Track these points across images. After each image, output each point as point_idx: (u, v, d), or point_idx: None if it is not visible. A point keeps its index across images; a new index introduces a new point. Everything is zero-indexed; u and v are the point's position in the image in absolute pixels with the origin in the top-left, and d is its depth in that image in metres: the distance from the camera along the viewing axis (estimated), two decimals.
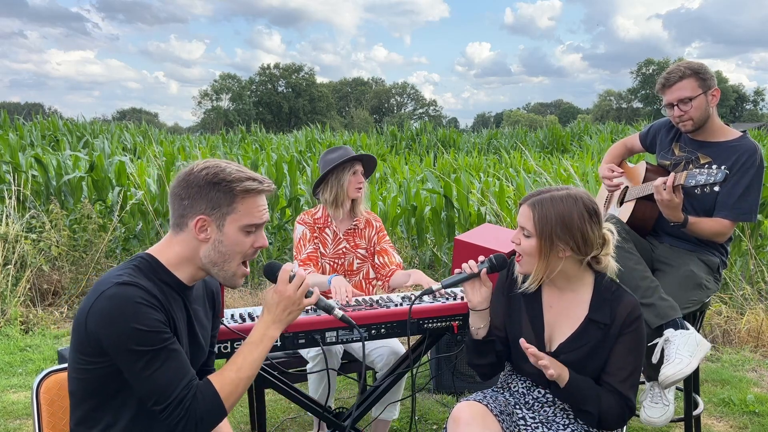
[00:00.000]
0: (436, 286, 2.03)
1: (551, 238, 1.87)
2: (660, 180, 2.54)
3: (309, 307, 2.32)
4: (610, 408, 1.90)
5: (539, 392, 2.04)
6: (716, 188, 2.40)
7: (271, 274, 1.72)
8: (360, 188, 3.04)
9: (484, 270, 2.01)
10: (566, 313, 1.99)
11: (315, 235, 3.06)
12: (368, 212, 3.20)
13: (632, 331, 1.92)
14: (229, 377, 1.58)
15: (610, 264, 1.97)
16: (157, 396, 1.49)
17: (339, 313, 1.81)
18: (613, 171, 2.98)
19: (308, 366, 2.80)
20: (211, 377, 1.58)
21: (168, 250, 1.62)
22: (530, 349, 1.86)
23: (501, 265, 2.03)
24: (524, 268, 1.96)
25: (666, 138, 2.91)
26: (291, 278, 1.68)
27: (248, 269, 1.68)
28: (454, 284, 2.03)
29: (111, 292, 1.48)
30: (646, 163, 2.89)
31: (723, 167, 2.51)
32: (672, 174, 2.54)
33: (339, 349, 2.86)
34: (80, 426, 1.60)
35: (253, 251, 1.65)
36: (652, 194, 2.63)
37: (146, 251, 1.64)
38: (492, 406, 1.91)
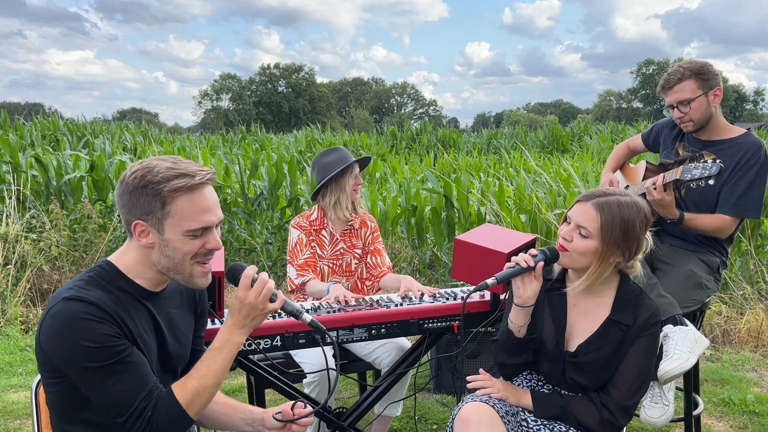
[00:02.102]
0: (491, 280, 1.92)
1: (611, 246, 1.85)
2: (650, 181, 2.58)
3: (309, 308, 2.33)
4: (590, 418, 1.91)
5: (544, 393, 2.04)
6: (711, 182, 2.43)
7: (233, 278, 1.62)
8: (358, 189, 3.05)
9: (541, 264, 1.92)
10: (588, 313, 1.98)
11: (311, 238, 3.05)
12: (364, 212, 3.19)
13: (648, 335, 1.92)
14: (192, 386, 1.54)
15: (638, 267, 1.97)
16: (116, 409, 1.47)
17: (307, 317, 1.69)
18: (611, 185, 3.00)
19: (305, 381, 2.78)
20: (174, 386, 1.54)
21: (126, 255, 1.57)
22: (473, 383, 1.97)
23: (554, 258, 1.95)
24: (566, 261, 1.92)
25: (669, 137, 2.91)
26: (253, 281, 1.58)
27: (208, 266, 1.58)
28: (508, 278, 1.93)
29: (56, 309, 1.43)
30: (647, 162, 2.90)
31: (718, 161, 2.52)
32: (661, 174, 2.58)
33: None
34: None
35: (206, 251, 1.54)
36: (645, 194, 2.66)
37: (107, 258, 1.60)
38: (498, 407, 1.90)
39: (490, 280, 1.92)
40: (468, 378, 2.00)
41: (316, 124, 22.26)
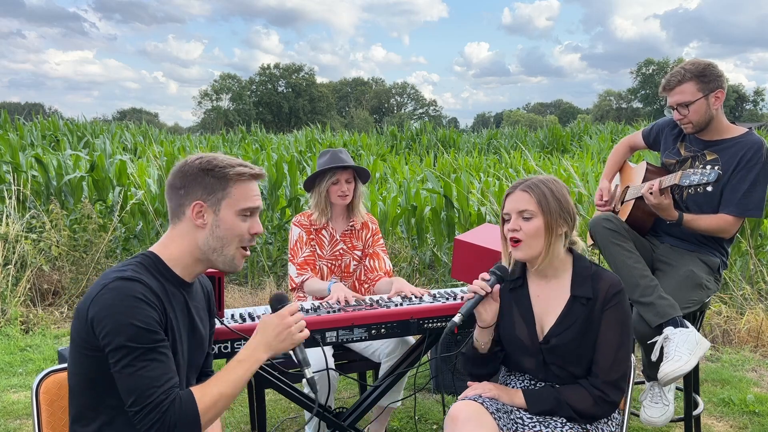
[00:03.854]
0: (458, 318, 1.97)
1: (554, 215, 1.96)
2: (646, 187, 2.60)
3: (309, 308, 2.34)
4: (583, 402, 1.94)
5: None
6: (709, 188, 2.47)
7: (278, 303, 1.76)
8: (344, 196, 3.02)
9: (497, 286, 2.02)
10: (552, 299, 2.03)
11: (311, 237, 3.05)
12: (367, 214, 3.19)
13: (614, 305, 1.96)
14: (211, 392, 1.57)
15: (579, 240, 2.08)
16: (135, 396, 1.48)
17: (308, 373, 1.78)
18: (602, 198, 3.02)
19: (305, 381, 2.76)
20: (194, 389, 1.56)
21: (169, 245, 1.67)
22: (463, 395, 1.99)
23: (505, 273, 2.04)
24: (525, 252, 1.99)
25: (670, 137, 2.91)
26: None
27: (248, 252, 1.71)
28: (471, 309, 2.00)
29: (115, 284, 1.51)
30: (647, 163, 2.90)
31: (716, 167, 2.53)
32: (658, 179, 2.59)
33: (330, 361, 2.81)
34: (76, 424, 1.61)
35: (250, 237, 1.69)
36: None
37: (149, 249, 1.68)
38: (488, 404, 1.93)
39: (457, 318, 1.97)
40: (460, 397, 2.02)
41: (316, 124, 22.25)
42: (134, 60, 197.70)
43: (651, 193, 2.57)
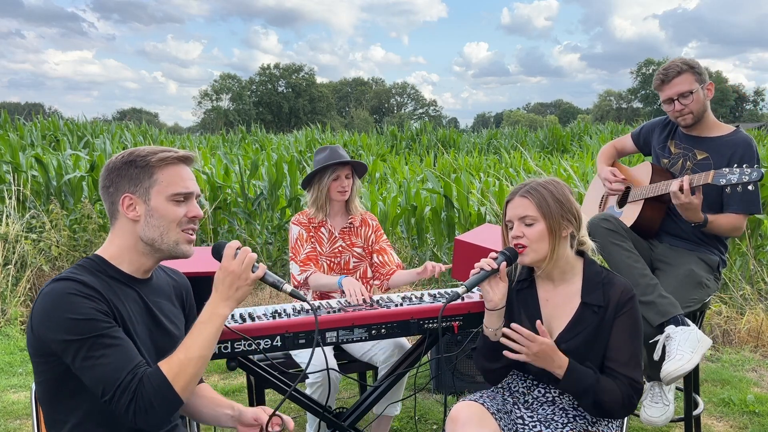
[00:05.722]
0: (461, 289, 1.98)
1: (556, 218, 1.93)
2: (676, 184, 2.52)
3: (309, 308, 2.33)
4: (611, 392, 1.90)
5: (539, 392, 2.04)
6: (750, 187, 2.38)
7: (217, 253, 1.69)
8: (343, 192, 3.02)
9: (504, 264, 1.98)
10: (562, 304, 2.01)
11: (311, 234, 3.06)
12: (364, 211, 3.19)
13: (627, 311, 1.95)
14: (177, 358, 1.54)
15: (588, 241, 2.05)
16: (103, 385, 1.47)
17: (288, 288, 1.74)
18: (615, 175, 2.96)
19: (308, 381, 2.78)
20: (160, 363, 1.54)
21: (110, 245, 1.66)
22: (508, 334, 1.89)
23: (514, 256, 1.99)
24: (531, 257, 1.97)
25: (660, 137, 2.94)
26: (236, 254, 1.65)
27: (193, 236, 1.67)
28: (476, 283, 1.98)
29: (47, 289, 1.51)
30: (652, 164, 2.87)
31: (756, 166, 2.44)
32: (686, 177, 2.52)
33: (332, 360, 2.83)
34: (51, 430, 1.61)
35: (188, 220, 1.65)
36: (661, 195, 2.67)
37: (94, 252, 1.67)
38: (488, 405, 1.93)
39: (460, 290, 1.98)
40: (504, 330, 1.91)
41: (316, 124, 22.24)
42: (133, 60, 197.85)
43: (681, 191, 2.49)
